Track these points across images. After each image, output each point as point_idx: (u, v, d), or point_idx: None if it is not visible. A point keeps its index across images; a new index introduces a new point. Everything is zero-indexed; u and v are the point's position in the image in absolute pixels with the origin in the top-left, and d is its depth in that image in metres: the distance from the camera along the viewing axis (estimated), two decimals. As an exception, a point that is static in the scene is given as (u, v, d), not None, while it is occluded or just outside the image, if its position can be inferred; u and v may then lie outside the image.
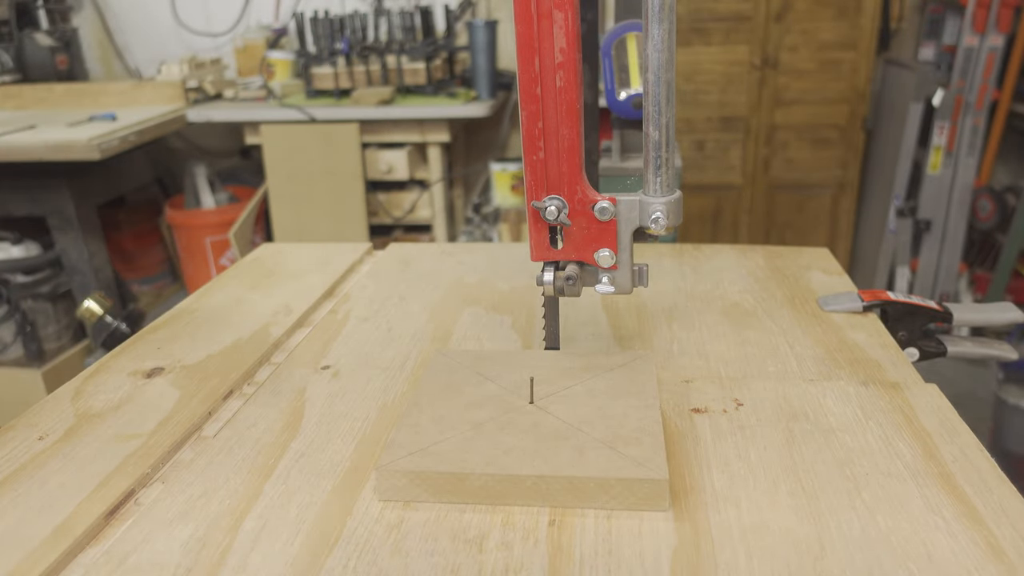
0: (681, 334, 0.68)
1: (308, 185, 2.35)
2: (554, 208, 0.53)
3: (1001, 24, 2.42)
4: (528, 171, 0.53)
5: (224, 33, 2.77)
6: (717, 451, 0.50)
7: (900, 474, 0.47)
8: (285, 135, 2.32)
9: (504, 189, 2.49)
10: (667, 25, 0.48)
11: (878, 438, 0.51)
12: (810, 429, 0.52)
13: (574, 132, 0.52)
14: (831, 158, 2.60)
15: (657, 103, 0.50)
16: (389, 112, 2.28)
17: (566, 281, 0.57)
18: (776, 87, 2.53)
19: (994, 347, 0.72)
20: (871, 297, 0.71)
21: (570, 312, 0.72)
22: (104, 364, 0.66)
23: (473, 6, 2.60)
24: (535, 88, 0.51)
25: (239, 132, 2.44)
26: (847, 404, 0.55)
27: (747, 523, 0.43)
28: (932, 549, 0.41)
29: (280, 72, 2.53)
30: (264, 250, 0.95)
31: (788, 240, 2.66)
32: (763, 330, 0.69)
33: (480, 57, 2.36)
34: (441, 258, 0.89)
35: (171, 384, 0.62)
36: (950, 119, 2.54)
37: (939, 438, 0.51)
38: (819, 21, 2.45)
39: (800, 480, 0.47)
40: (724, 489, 0.46)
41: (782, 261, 0.85)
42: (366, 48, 2.36)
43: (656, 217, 0.53)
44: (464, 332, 0.70)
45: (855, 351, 0.64)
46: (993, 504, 0.44)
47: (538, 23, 0.49)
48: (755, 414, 0.55)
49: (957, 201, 2.61)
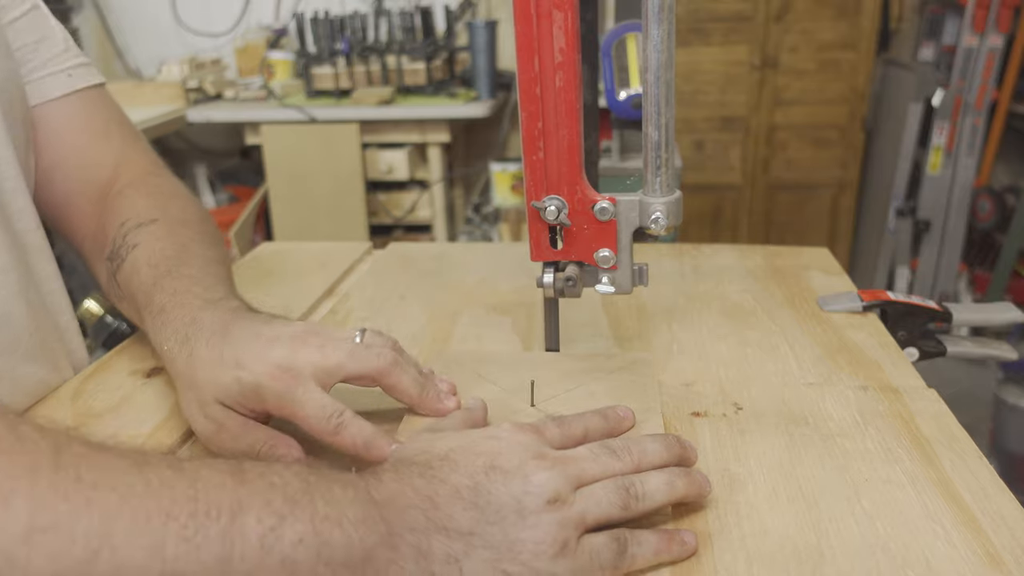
0: (681, 335, 0.68)
1: (308, 185, 2.35)
2: (554, 208, 0.53)
3: (1001, 24, 2.42)
4: (528, 171, 0.53)
5: (224, 33, 2.77)
6: (717, 456, 0.50)
7: (899, 480, 0.47)
8: (285, 135, 2.31)
9: (504, 189, 2.49)
10: (667, 25, 0.48)
11: (877, 444, 0.51)
12: (809, 434, 0.52)
13: (574, 132, 0.51)
14: (831, 158, 2.60)
15: (657, 103, 0.50)
16: (389, 112, 2.28)
17: (566, 282, 0.57)
18: (776, 87, 2.52)
19: (994, 347, 0.72)
20: (871, 297, 0.71)
21: (570, 312, 0.72)
22: (104, 364, 0.66)
23: (473, 6, 2.59)
24: (535, 88, 0.50)
25: (239, 132, 2.44)
26: (846, 409, 0.55)
27: (747, 529, 0.43)
28: (931, 556, 0.41)
29: (280, 72, 2.53)
30: (264, 249, 0.95)
31: (788, 240, 2.65)
32: (763, 330, 0.69)
33: (480, 57, 2.36)
34: (441, 258, 0.89)
35: (171, 384, 0.62)
36: (950, 119, 2.53)
37: (938, 444, 0.51)
38: (819, 21, 2.45)
39: (800, 486, 0.47)
40: (724, 494, 0.46)
41: (782, 261, 0.85)
42: (366, 48, 2.36)
43: (656, 217, 0.53)
44: (464, 332, 0.70)
45: (855, 351, 0.64)
46: (992, 512, 0.44)
47: (538, 23, 0.49)
48: (755, 418, 0.55)
49: (957, 201, 2.60)
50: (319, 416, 0.46)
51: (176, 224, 0.62)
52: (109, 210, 0.65)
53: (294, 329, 0.50)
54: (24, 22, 0.63)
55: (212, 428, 0.49)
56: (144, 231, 0.61)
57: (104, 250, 0.63)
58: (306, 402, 0.46)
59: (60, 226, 0.68)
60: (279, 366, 0.47)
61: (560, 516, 0.39)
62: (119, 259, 0.60)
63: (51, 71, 0.65)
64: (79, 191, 0.67)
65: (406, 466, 0.40)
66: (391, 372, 0.50)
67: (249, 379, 0.47)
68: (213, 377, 0.48)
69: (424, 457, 0.41)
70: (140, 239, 0.60)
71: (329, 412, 0.46)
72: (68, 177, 0.66)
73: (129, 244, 0.60)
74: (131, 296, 0.59)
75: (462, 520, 0.38)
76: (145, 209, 0.63)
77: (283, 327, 0.50)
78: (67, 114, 0.66)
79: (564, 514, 0.39)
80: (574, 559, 0.38)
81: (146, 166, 0.70)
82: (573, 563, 0.38)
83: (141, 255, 0.59)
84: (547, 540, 0.38)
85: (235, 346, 0.48)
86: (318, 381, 0.47)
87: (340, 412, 0.46)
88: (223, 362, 0.48)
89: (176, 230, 0.62)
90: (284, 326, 0.50)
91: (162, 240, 0.60)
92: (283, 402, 0.47)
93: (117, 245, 0.61)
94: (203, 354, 0.49)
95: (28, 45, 0.63)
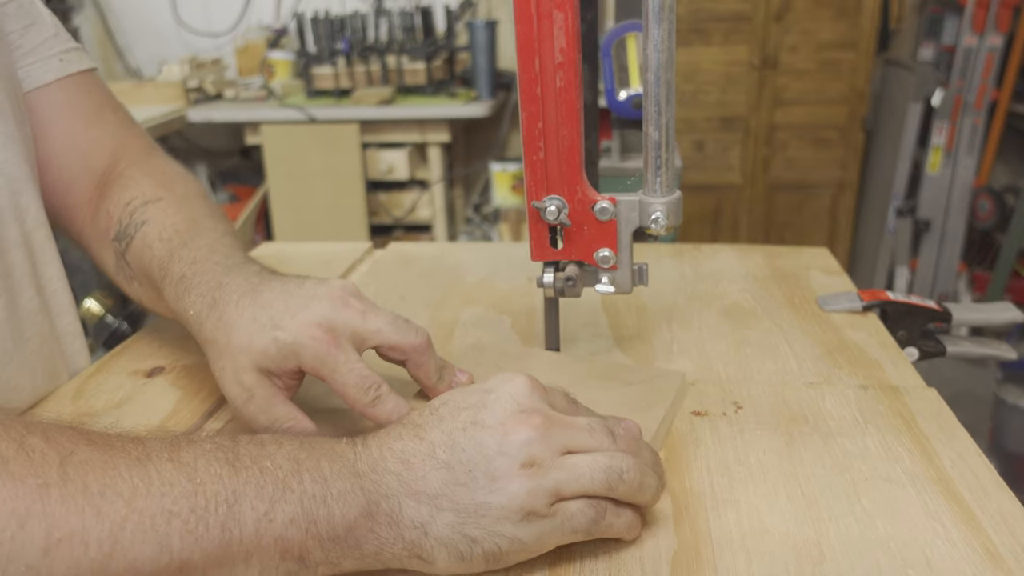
0: (681, 334, 0.68)
1: (308, 185, 2.35)
2: (554, 208, 0.53)
3: (1000, 24, 2.42)
4: (528, 171, 0.53)
5: (224, 33, 2.77)
6: (717, 455, 0.50)
7: (899, 479, 0.47)
8: (285, 135, 2.31)
9: (504, 189, 2.49)
10: (667, 25, 0.48)
11: (877, 443, 0.51)
12: (809, 433, 0.52)
13: (574, 132, 0.52)
14: (831, 158, 2.60)
15: (657, 103, 0.50)
16: (389, 112, 2.28)
17: (566, 282, 0.57)
18: (776, 87, 2.53)
19: (993, 347, 0.72)
20: (870, 297, 0.71)
21: (570, 312, 0.72)
22: (104, 364, 0.66)
23: (473, 6, 2.59)
24: (535, 88, 0.51)
25: (239, 132, 2.44)
26: (846, 407, 0.55)
27: (747, 528, 0.43)
28: (931, 555, 0.41)
29: (280, 72, 2.53)
30: (264, 249, 0.95)
31: (788, 240, 2.66)
32: (763, 330, 0.69)
33: (480, 57, 2.36)
34: (441, 258, 0.89)
35: (172, 384, 0.62)
36: (949, 119, 2.54)
37: (938, 443, 0.51)
38: (819, 21, 2.45)
39: (800, 484, 0.47)
40: (724, 493, 0.46)
41: (782, 261, 0.85)
42: (366, 48, 2.36)
43: (656, 217, 0.53)
44: (464, 332, 0.70)
45: (854, 351, 0.64)
46: (991, 510, 0.44)
47: (538, 23, 0.49)
48: (755, 417, 0.55)
49: (956, 201, 2.61)
50: (359, 387, 0.46)
51: (183, 200, 0.61)
52: (111, 192, 0.63)
53: (331, 288, 0.49)
54: (12, 7, 0.61)
55: (244, 396, 0.48)
56: (152, 208, 0.60)
57: (109, 232, 0.62)
58: (347, 372, 0.46)
59: (57, 214, 0.66)
60: (319, 325, 0.46)
61: (532, 484, 0.37)
62: (127, 238, 0.59)
63: (42, 56, 0.63)
64: (76, 176, 0.65)
65: (397, 427, 0.40)
66: (425, 351, 0.50)
67: (287, 339, 0.46)
68: (249, 341, 0.47)
69: (417, 415, 0.41)
70: (148, 216, 0.59)
71: (368, 384, 0.46)
72: (64, 163, 0.65)
73: (137, 222, 0.59)
74: (144, 272, 0.57)
75: (432, 481, 0.38)
76: (150, 188, 0.62)
77: (317, 286, 0.49)
78: (60, 99, 0.64)
79: (537, 482, 0.38)
80: (541, 524, 0.38)
81: (143, 149, 0.68)
82: (540, 527, 0.38)
83: (152, 231, 0.58)
84: (512, 507, 0.37)
85: (269, 307, 0.47)
86: (355, 344, 0.47)
87: (378, 385, 0.47)
88: (257, 324, 0.47)
89: (184, 206, 0.60)
90: (318, 284, 0.49)
91: (172, 215, 0.59)
92: (322, 365, 0.46)
93: (124, 224, 0.60)
94: (234, 317, 0.48)
95: (16, 31, 0.62)
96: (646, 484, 0.41)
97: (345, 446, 0.39)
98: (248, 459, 0.37)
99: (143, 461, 0.34)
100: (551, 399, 0.42)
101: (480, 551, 0.37)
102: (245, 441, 0.38)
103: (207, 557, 0.34)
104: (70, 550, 0.31)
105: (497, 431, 0.38)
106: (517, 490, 0.37)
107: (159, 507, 0.33)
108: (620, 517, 0.40)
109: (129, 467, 0.34)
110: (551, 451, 0.39)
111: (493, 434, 0.38)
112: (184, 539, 0.33)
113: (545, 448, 0.38)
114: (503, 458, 0.38)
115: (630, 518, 0.41)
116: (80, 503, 0.32)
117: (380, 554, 0.37)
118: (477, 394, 0.41)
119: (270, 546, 0.35)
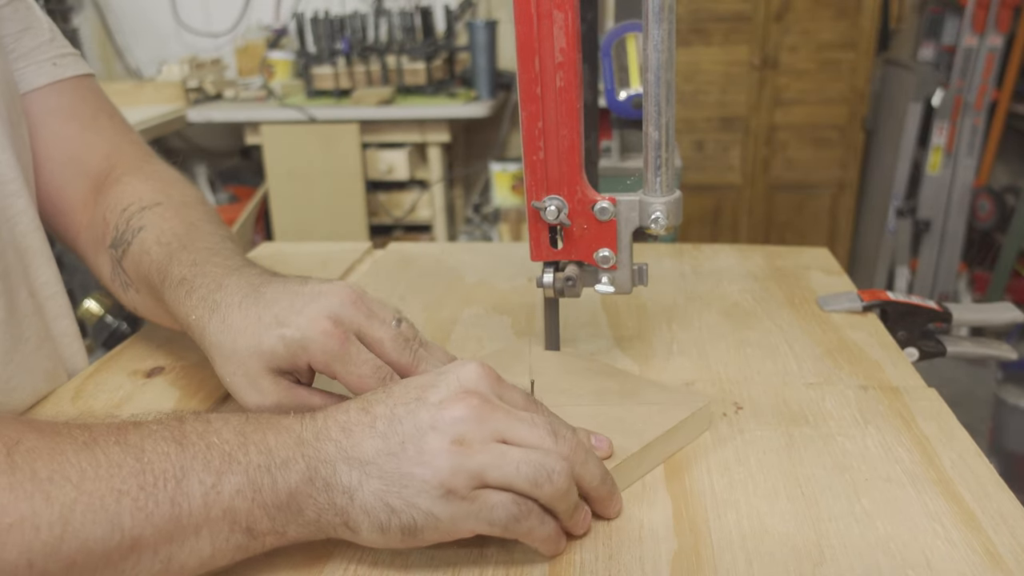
0: (681, 334, 0.68)
1: (308, 185, 2.35)
2: (554, 208, 0.53)
3: (1000, 24, 2.42)
4: (528, 171, 0.53)
5: (224, 33, 2.77)
6: (717, 455, 0.50)
7: (899, 479, 0.47)
8: (285, 135, 2.31)
9: (504, 189, 2.49)
10: (667, 25, 0.48)
11: (877, 443, 0.51)
12: (809, 433, 0.52)
13: (574, 132, 0.52)
14: (831, 158, 2.60)
15: (657, 103, 0.50)
16: (389, 112, 2.28)
17: (566, 282, 0.57)
18: (776, 87, 2.52)
19: (993, 347, 0.72)
20: (871, 297, 0.71)
21: (570, 312, 0.72)
22: (104, 364, 0.66)
23: (473, 6, 2.59)
24: (535, 88, 0.51)
25: (239, 132, 2.44)
26: (846, 408, 0.55)
27: (747, 528, 0.43)
28: (931, 555, 0.41)
29: (280, 72, 2.53)
30: (263, 249, 0.95)
31: (788, 240, 2.66)
32: (763, 330, 0.69)
33: (480, 57, 2.36)
34: (441, 258, 0.89)
35: (171, 384, 0.62)
36: (949, 119, 2.54)
37: (938, 443, 0.51)
38: (819, 21, 2.45)
39: (800, 485, 0.47)
40: (724, 494, 0.46)
41: (782, 261, 0.85)
42: (366, 48, 2.36)
43: (656, 217, 0.53)
44: (464, 332, 0.70)
45: (854, 351, 0.64)
46: (992, 511, 0.44)
47: (538, 23, 0.49)
48: (755, 418, 0.55)
49: (956, 201, 2.61)
50: (374, 376, 0.46)
51: (181, 206, 0.61)
52: (107, 198, 0.63)
53: (337, 286, 0.48)
54: (7, 11, 0.61)
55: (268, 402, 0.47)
56: (149, 214, 0.59)
57: (104, 239, 0.61)
58: (362, 363, 0.46)
59: (52, 220, 0.66)
60: (328, 318, 0.46)
61: (456, 462, 0.37)
62: (124, 244, 0.59)
63: (36, 60, 0.63)
64: (70, 182, 0.64)
65: (348, 401, 0.41)
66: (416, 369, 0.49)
67: (295, 335, 0.46)
68: (255, 342, 0.46)
69: (371, 392, 0.42)
70: (146, 221, 0.58)
71: (384, 374, 0.47)
72: (58, 168, 0.64)
73: (134, 228, 0.58)
74: (143, 278, 0.57)
75: (367, 449, 0.38)
76: (147, 193, 0.61)
77: (322, 284, 0.49)
78: (55, 103, 0.64)
79: (461, 461, 0.37)
80: (459, 505, 0.38)
81: (139, 155, 0.68)
82: (456, 508, 0.38)
83: (149, 236, 0.57)
84: (433, 481, 0.37)
85: (273, 306, 0.47)
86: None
87: (391, 374, 0.47)
88: (263, 323, 0.47)
89: (182, 211, 0.60)
90: (323, 283, 0.49)
91: (170, 220, 0.58)
92: (333, 359, 0.46)
93: (121, 231, 0.59)
94: (237, 319, 0.47)
95: (11, 35, 0.61)
96: (572, 495, 0.40)
97: (292, 419, 0.40)
98: (195, 435, 0.37)
99: (90, 445, 0.35)
100: (502, 390, 0.42)
101: (398, 522, 0.38)
102: (192, 419, 0.39)
103: (158, 532, 0.35)
104: (21, 535, 0.32)
105: (434, 407, 0.39)
106: (441, 464, 0.37)
107: (108, 487, 0.34)
108: (544, 525, 0.39)
109: (76, 452, 0.35)
110: (483, 434, 0.39)
111: (430, 410, 0.39)
112: (135, 516, 0.34)
113: (477, 429, 0.38)
114: (434, 433, 0.38)
115: (552, 530, 0.40)
116: (29, 489, 0.33)
117: (319, 521, 0.39)
118: (431, 376, 0.42)
119: (219, 518, 0.36)
